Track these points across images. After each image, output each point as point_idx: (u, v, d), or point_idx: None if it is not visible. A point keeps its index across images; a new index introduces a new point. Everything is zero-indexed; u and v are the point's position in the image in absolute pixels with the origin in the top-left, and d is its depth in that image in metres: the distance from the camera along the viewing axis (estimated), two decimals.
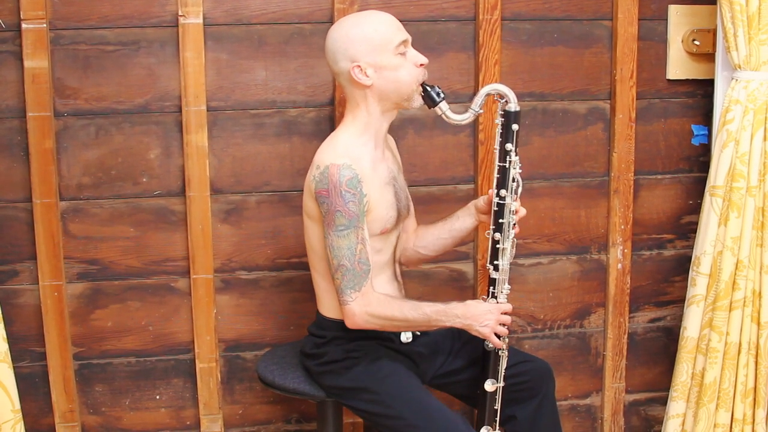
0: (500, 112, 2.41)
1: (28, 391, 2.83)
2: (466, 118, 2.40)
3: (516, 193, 2.42)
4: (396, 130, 2.86)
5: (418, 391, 2.37)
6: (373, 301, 2.32)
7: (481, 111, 2.41)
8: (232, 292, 2.91)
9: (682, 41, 3.01)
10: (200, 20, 2.72)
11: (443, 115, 2.39)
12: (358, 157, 2.33)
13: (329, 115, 2.86)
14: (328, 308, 2.45)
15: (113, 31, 2.72)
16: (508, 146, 2.40)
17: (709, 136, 3.05)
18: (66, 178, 2.77)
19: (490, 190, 2.44)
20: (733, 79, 2.80)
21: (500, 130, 2.41)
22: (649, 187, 3.11)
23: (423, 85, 2.38)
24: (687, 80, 3.06)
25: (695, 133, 3.10)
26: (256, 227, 2.89)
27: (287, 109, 2.85)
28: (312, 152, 2.37)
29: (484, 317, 2.36)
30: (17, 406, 2.53)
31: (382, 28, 2.33)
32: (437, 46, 2.88)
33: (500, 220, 2.42)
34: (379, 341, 2.43)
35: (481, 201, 2.54)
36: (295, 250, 2.89)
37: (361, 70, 2.32)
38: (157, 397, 2.94)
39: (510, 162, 2.40)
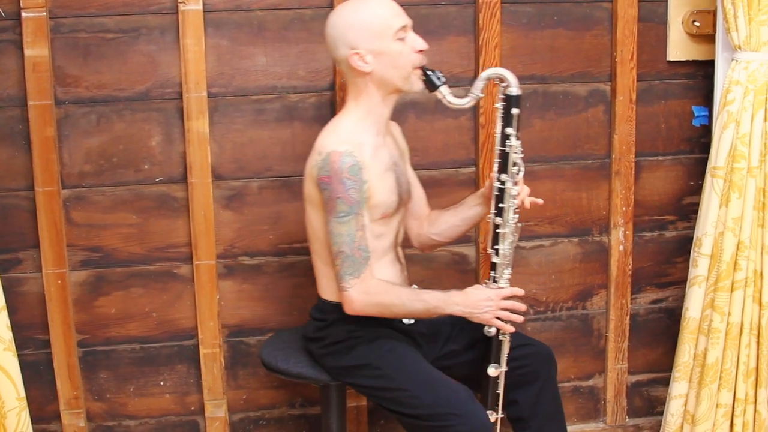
0: (501, 96, 2.40)
1: (33, 379, 2.84)
2: (466, 102, 2.40)
3: (517, 178, 2.42)
4: (397, 114, 2.84)
5: (420, 364, 2.38)
6: (372, 287, 2.32)
7: (482, 95, 2.41)
8: (235, 278, 2.92)
9: (683, 22, 3.00)
10: (200, 7, 2.72)
11: (444, 99, 2.38)
12: (359, 143, 2.33)
13: (330, 100, 2.86)
14: (328, 292, 2.45)
15: (113, 18, 2.72)
16: (508, 130, 2.39)
17: (710, 117, 3.05)
18: (68, 166, 2.78)
19: (492, 174, 2.44)
20: (733, 60, 2.80)
21: (501, 114, 2.40)
22: (651, 169, 3.11)
23: (423, 69, 2.37)
24: (687, 61, 3.05)
25: (696, 114, 3.10)
26: (258, 213, 2.89)
27: (288, 95, 2.85)
28: (313, 137, 2.37)
29: (484, 304, 2.36)
30: (22, 393, 2.53)
31: (381, 13, 2.32)
32: (437, 30, 2.88)
33: (500, 205, 2.42)
34: (380, 322, 2.44)
35: (486, 187, 2.54)
36: (297, 235, 2.89)
37: (360, 57, 2.32)
38: (162, 383, 2.96)
39: (510, 146, 2.39)
